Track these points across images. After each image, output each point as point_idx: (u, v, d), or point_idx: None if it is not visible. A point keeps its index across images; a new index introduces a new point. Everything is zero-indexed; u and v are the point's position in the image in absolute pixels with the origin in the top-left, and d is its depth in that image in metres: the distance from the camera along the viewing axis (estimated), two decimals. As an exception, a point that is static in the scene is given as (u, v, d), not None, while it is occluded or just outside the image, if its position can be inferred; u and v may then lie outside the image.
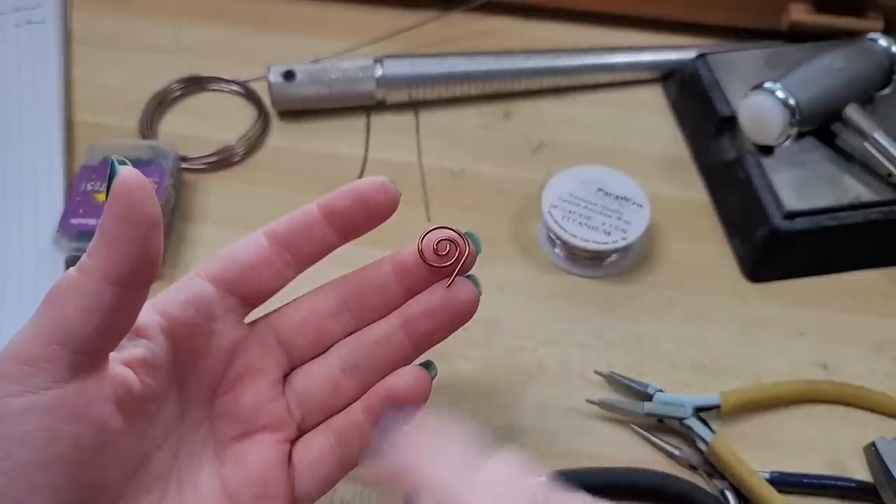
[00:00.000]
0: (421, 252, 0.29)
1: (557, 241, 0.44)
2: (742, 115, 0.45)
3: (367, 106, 0.51)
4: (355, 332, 0.30)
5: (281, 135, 0.50)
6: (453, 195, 0.47)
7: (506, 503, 0.22)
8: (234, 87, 0.52)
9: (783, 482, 0.37)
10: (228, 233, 0.45)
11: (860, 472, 0.38)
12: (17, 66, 0.51)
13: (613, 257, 0.44)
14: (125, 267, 0.24)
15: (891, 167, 0.43)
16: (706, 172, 0.49)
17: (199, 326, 0.28)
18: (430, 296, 0.29)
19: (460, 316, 0.29)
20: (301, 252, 0.29)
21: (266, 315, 0.30)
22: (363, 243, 0.45)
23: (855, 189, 0.44)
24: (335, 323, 0.30)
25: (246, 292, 0.29)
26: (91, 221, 0.42)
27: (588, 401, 0.39)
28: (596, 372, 0.40)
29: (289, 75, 0.49)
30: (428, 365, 0.29)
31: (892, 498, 0.36)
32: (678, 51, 0.53)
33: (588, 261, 0.44)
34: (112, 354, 0.25)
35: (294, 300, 0.31)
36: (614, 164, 0.45)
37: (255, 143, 0.49)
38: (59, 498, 0.23)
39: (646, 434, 0.38)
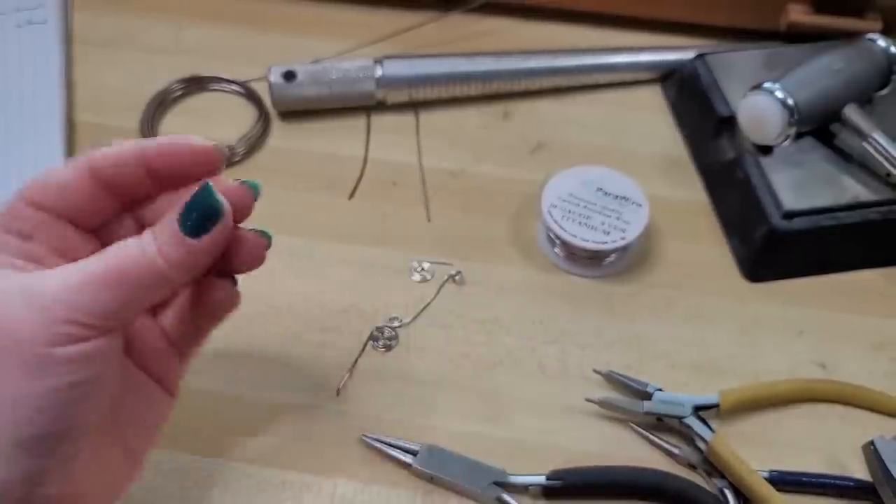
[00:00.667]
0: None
1: (557, 241, 0.44)
2: (741, 115, 0.45)
3: (367, 106, 0.51)
4: None
5: (281, 135, 0.50)
6: (453, 195, 0.48)
7: None
8: (235, 88, 0.52)
9: (782, 481, 0.37)
10: (229, 232, 0.45)
11: (859, 470, 0.38)
12: (19, 67, 0.51)
13: (612, 257, 0.44)
14: (197, 273, 0.28)
15: (889, 167, 0.43)
16: (705, 172, 0.49)
17: None
18: None
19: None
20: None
21: None
22: (363, 243, 0.45)
23: (853, 189, 0.44)
24: None
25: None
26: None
27: (588, 400, 0.39)
28: (595, 371, 0.40)
29: (289, 76, 0.49)
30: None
31: (891, 496, 0.36)
32: (677, 51, 0.53)
33: (587, 260, 0.44)
34: None
35: None
36: (613, 165, 0.46)
37: (255, 143, 0.49)
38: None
39: (645, 433, 0.39)
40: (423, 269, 0.44)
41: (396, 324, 0.42)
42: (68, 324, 0.25)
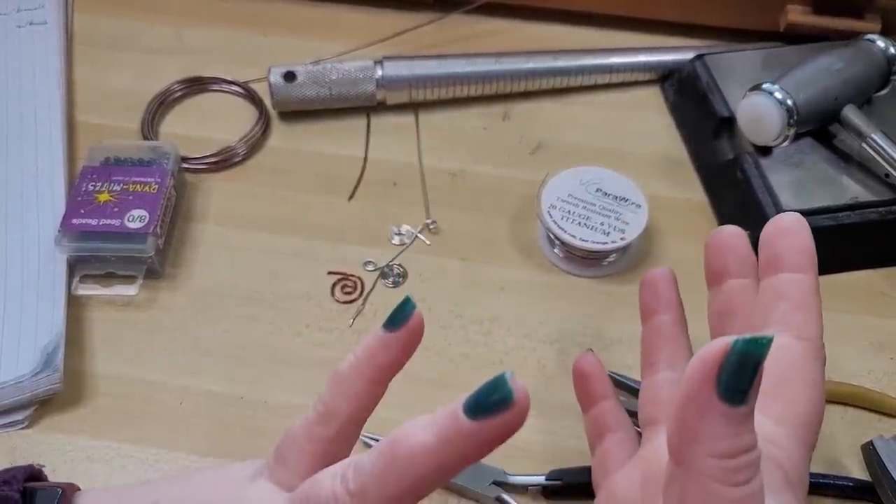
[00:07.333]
0: None
1: (556, 242, 0.44)
2: (740, 115, 0.45)
3: (367, 107, 0.51)
4: None
5: (282, 135, 0.50)
6: (453, 195, 0.48)
7: None
8: (235, 88, 0.52)
9: (781, 480, 0.37)
10: (230, 233, 0.46)
11: (858, 471, 0.38)
12: (19, 67, 0.51)
13: (612, 257, 0.45)
14: None
15: (888, 167, 0.43)
16: (704, 173, 0.49)
17: None
18: None
19: None
20: None
21: None
22: (364, 243, 0.45)
23: (852, 189, 0.44)
24: None
25: None
26: (92, 221, 0.42)
27: (587, 400, 0.39)
28: (595, 371, 0.40)
29: (289, 76, 0.49)
30: None
31: (890, 497, 0.36)
32: (676, 52, 0.53)
33: (587, 261, 0.44)
34: None
35: None
36: (613, 165, 0.46)
37: (255, 143, 0.49)
38: None
39: (644, 433, 0.39)
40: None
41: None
42: None
